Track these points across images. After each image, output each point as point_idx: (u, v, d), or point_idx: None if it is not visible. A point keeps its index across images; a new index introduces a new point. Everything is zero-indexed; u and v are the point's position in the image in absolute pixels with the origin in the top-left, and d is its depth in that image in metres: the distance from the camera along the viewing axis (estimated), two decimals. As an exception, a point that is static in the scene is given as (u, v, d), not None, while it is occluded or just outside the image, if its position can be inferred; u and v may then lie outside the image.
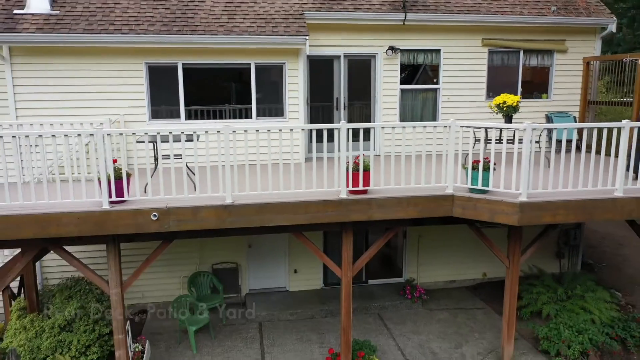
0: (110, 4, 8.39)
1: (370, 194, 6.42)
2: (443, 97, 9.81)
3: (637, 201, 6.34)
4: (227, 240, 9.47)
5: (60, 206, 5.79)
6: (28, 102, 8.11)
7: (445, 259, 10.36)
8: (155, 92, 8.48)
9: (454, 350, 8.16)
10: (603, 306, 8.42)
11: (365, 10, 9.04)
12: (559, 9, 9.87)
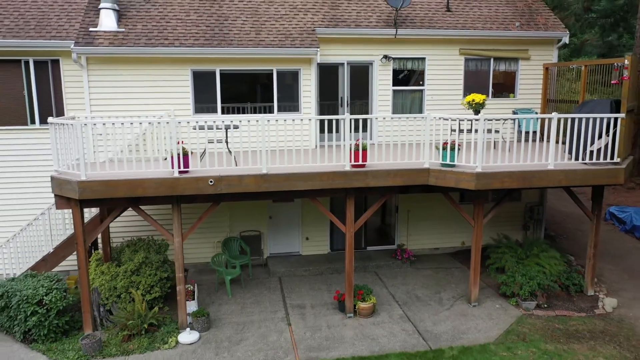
0: (163, 23, 10.62)
1: (367, 167, 8.63)
2: (427, 97, 12.02)
3: (564, 172, 8.55)
4: (252, 212, 11.68)
5: (143, 174, 8.00)
6: (99, 100, 10.32)
7: (430, 230, 12.58)
8: (198, 92, 10.69)
9: (434, 295, 10.37)
10: (553, 262, 10.59)
11: (364, 26, 11.25)
12: (522, 24, 12.09)
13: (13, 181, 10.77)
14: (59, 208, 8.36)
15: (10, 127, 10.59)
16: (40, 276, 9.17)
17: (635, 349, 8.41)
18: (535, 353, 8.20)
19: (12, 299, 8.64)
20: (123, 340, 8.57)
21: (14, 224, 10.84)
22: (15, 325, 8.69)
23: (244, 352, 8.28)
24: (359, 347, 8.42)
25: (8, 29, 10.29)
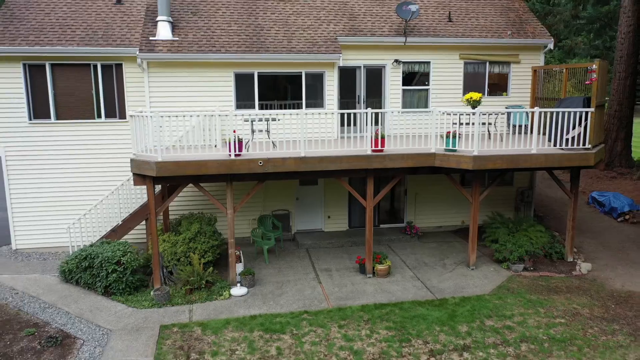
0: (209, 33, 12.57)
1: (384, 152, 10.58)
2: (432, 95, 13.97)
3: (545, 156, 10.50)
4: (282, 194, 13.63)
5: (206, 157, 9.95)
6: (158, 98, 12.28)
7: (435, 210, 14.54)
8: (239, 91, 12.65)
9: (438, 261, 12.34)
10: (539, 235, 12.55)
11: (378, 35, 13.21)
12: (513, 33, 14.04)
13: (82, 165, 12.73)
14: (136, 184, 10.33)
15: (81, 120, 12.55)
16: (113, 243, 11.12)
17: (602, 299, 10.37)
18: (521, 301, 10.16)
19: (95, 260, 10.60)
20: (186, 293, 10.52)
21: (83, 201, 12.79)
22: (97, 282, 10.64)
23: (286, 301, 10.24)
24: (378, 297, 10.38)
25: (80, 38, 12.24)
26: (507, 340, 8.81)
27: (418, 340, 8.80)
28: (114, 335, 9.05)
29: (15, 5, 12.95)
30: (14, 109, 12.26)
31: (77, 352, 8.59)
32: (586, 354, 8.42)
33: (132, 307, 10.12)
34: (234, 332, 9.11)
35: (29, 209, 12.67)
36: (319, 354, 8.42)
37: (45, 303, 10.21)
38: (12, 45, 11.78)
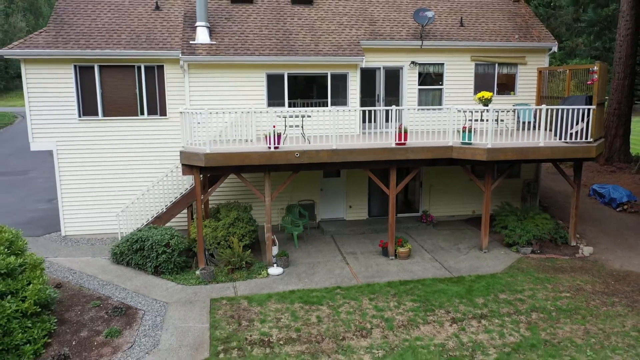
0: (243, 37, 13.72)
1: (407, 145, 11.74)
2: (446, 94, 15.12)
3: (551, 148, 11.66)
4: (307, 185, 14.78)
5: (249, 149, 11.11)
6: (196, 96, 13.42)
7: (447, 201, 15.70)
8: (270, 90, 13.79)
9: (453, 246, 13.50)
10: (545, 221, 13.70)
11: (397, 39, 14.36)
12: (520, 36, 15.20)
13: (126, 159, 13.87)
14: (184, 174, 11.48)
15: (125, 117, 13.70)
16: (160, 228, 12.27)
17: (603, 277, 11.54)
18: (530, 278, 11.33)
19: (146, 243, 11.76)
20: (228, 273, 11.68)
21: (126, 191, 13.94)
22: (148, 262, 11.79)
23: (318, 279, 11.40)
24: (402, 276, 11.55)
25: (126, 42, 13.39)
26: (519, 310, 9.98)
27: (440, 310, 9.96)
28: (170, 307, 10.21)
29: (64, 12, 14.09)
30: (65, 107, 13.40)
31: (141, 320, 9.75)
32: (589, 321, 9.59)
33: (181, 284, 11.27)
34: (277, 304, 10.27)
35: (77, 198, 13.82)
36: (355, 321, 9.58)
37: (103, 281, 11.36)
38: (65, 49, 12.93)
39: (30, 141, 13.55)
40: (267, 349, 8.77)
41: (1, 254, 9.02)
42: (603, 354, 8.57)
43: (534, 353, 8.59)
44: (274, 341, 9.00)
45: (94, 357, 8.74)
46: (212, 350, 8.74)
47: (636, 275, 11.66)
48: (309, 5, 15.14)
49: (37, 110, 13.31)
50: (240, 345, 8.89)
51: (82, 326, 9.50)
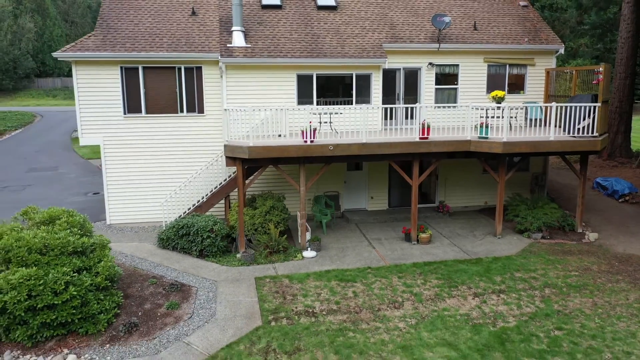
0: (275, 41, 14.87)
1: (429, 139, 12.88)
2: (460, 93, 16.28)
3: (560, 142, 12.82)
4: (332, 178, 15.92)
5: (288, 143, 12.25)
6: (233, 95, 14.57)
7: (461, 193, 16.85)
8: (300, 89, 14.94)
9: (469, 233, 14.66)
10: (553, 210, 14.86)
11: (416, 42, 15.51)
12: (529, 40, 16.35)
13: (166, 152, 15.02)
14: (228, 165, 12.64)
15: (166, 114, 14.84)
16: (202, 216, 13.41)
17: (607, 259, 12.70)
18: (542, 260, 12.49)
19: (191, 229, 12.90)
20: (266, 256, 12.82)
21: (167, 183, 15.09)
22: (193, 246, 12.93)
23: (349, 261, 12.55)
24: (425, 258, 12.70)
25: (167, 45, 14.53)
26: (534, 286, 11.14)
27: (463, 286, 11.13)
28: (219, 284, 11.37)
29: (109, 17, 15.23)
30: (112, 105, 14.55)
31: (195, 295, 10.91)
32: (596, 295, 10.75)
33: (224, 265, 12.42)
34: (315, 281, 11.43)
35: (122, 189, 14.96)
36: (387, 295, 10.74)
37: (153, 262, 12.51)
38: (113, 51, 14.07)
39: (79, 136, 14.68)
40: (312, 318, 9.92)
41: (76, 234, 10.17)
42: (609, 321, 9.73)
43: (549, 321, 9.74)
44: (317, 312, 10.15)
45: (159, 325, 9.89)
46: (264, 319, 9.89)
47: (638, 258, 12.82)
48: (334, 11, 16.30)
49: (86, 107, 14.45)
50: (288, 315, 10.04)
51: (145, 300, 10.65)
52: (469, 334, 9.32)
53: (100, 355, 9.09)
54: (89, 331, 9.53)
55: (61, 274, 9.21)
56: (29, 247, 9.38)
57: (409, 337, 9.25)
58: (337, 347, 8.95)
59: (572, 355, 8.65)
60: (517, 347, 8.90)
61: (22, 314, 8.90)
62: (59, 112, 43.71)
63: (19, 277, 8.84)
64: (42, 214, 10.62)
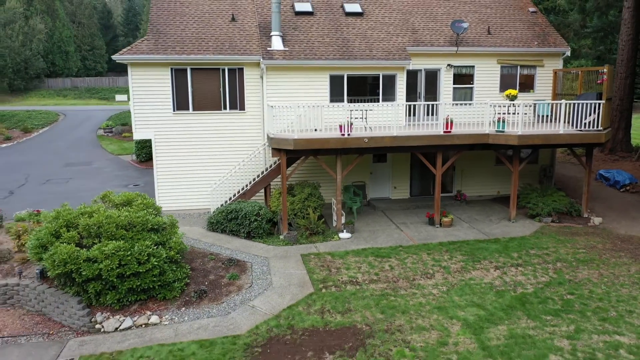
0: (309, 44, 16.41)
1: (452, 133, 14.43)
2: (476, 91, 17.83)
3: (569, 135, 14.37)
4: (360, 169, 17.47)
5: (328, 136, 13.79)
6: (272, 94, 16.10)
7: (476, 183, 18.42)
8: (332, 89, 16.48)
9: (486, 218, 16.22)
10: (561, 198, 16.41)
11: (436, 45, 17.06)
12: (539, 43, 17.91)
13: (210, 146, 16.55)
14: (274, 156, 14.19)
15: (211, 111, 16.38)
16: (247, 202, 14.94)
17: (611, 239, 14.25)
18: (553, 239, 14.05)
19: (239, 213, 14.45)
20: (307, 237, 14.37)
21: (211, 173, 16.63)
22: (241, 229, 14.46)
23: (381, 241, 14.11)
24: (448, 238, 14.26)
25: (213, 48, 16.07)
26: (547, 260, 12.70)
27: (485, 261, 12.69)
28: (270, 260, 12.92)
29: (158, 23, 16.77)
30: (162, 103, 16.09)
31: (251, 268, 12.46)
32: (602, 267, 12.32)
33: (271, 245, 13.97)
34: (354, 257, 12.98)
35: (170, 179, 16.50)
36: (419, 268, 12.31)
37: (207, 243, 14.05)
38: (164, 54, 15.61)
39: (133, 131, 16.22)
40: (356, 286, 11.48)
41: (152, 214, 11.72)
42: (614, 288, 11.29)
43: (561, 288, 11.31)
44: (360, 281, 11.72)
45: (225, 292, 11.45)
46: (315, 287, 11.45)
47: (638, 238, 14.39)
48: (360, 17, 17.85)
49: (140, 105, 15.99)
50: (336, 284, 11.60)
51: (208, 272, 12.21)
52: (493, 298, 10.88)
53: (178, 316, 10.65)
54: (166, 297, 11.08)
55: (144, 247, 10.76)
56: (116, 223, 10.93)
57: (443, 300, 10.81)
58: (382, 308, 10.51)
59: (582, 313, 10.21)
60: (535, 307, 10.46)
61: (113, 279, 10.45)
62: (79, 111, 45.18)
63: (112, 248, 10.39)
64: (120, 197, 12.18)
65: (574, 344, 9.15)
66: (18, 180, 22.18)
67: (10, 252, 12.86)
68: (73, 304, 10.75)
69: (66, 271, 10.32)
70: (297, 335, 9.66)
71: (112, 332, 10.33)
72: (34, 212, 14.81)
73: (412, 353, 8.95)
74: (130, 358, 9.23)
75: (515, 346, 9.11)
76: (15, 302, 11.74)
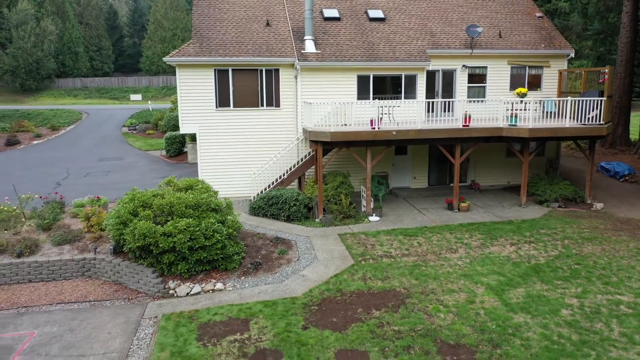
0: (338, 47, 18.12)
1: (470, 127, 16.15)
2: (488, 90, 19.54)
3: (574, 128, 16.10)
4: (383, 161, 19.18)
5: (360, 129, 15.51)
6: (306, 92, 17.81)
7: (488, 174, 20.14)
8: (359, 88, 18.19)
9: (498, 204, 17.95)
10: (566, 186, 18.14)
11: (453, 48, 18.78)
12: (545, 45, 19.64)
13: (249, 139, 18.26)
14: (311, 147, 15.90)
15: (249, 107, 18.10)
16: (286, 189, 16.64)
17: (612, 221, 15.99)
18: (560, 222, 15.78)
19: (280, 199, 16.16)
20: (341, 220, 16.08)
21: (249, 164, 18.35)
22: (282, 213, 16.16)
23: (407, 223, 15.82)
24: (467, 220, 15.98)
25: (252, 51, 17.78)
26: (555, 238, 14.43)
27: (501, 239, 14.41)
28: (312, 238, 14.63)
29: (201, 28, 18.48)
30: (206, 100, 17.80)
31: (296, 245, 14.17)
32: (604, 244, 14.05)
33: (309, 227, 15.68)
34: (385, 236, 14.70)
35: (212, 169, 18.21)
36: (444, 244, 14.03)
37: (252, 225, 15.76)
38: (209, 57, 17.31)
39: (180, 125, 17.93)
40: (391, 259, 13.20)
41: (212, 196, 13.43)
42: (615, 259, 13.02)
43: (569, 259, 13.04)
44: (394, 255, 13.44)
45: (276, 265, 13.16)
46: (355, 260, 13.17)
47: (636, 220, 16.13)
48: (383, 22, 19.57)
49: (186, 102, 17.70)
50: (372, 257, 13.32)
51: (259, 248, 13.93)
52: (511, 267, 12.61)
53: (239, 283, 12.36)
54: (227, 267, 12.80)
55: (209, 224, 12.46)
56: (185, 203, 12.64)
57: (467, 270, 12.54)
58: (416, 276, 12.24)
59: (588, 279, 11.94)
60: (548, 274, 12.19)
61: (185, 251, 12.15)
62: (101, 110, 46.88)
63: (184, 225, 12.09)
64: (183, 182, 13.89)
65: (582, 302, 10.88)
66: (60, 174, 23.88)
67: (82, 232, 14.57)
68: (148, 273, 12.46)
69: (145, 244, 12.03)
70: (346, 297, 11.37)
71: (184, 296, 12.04)
72: (94, 198, 16.52)
73: (446, 309, 10.67)
74: (207, 314, 10.94)
75: (532, 303, 10.83)
76: (92, 274, 13.46)
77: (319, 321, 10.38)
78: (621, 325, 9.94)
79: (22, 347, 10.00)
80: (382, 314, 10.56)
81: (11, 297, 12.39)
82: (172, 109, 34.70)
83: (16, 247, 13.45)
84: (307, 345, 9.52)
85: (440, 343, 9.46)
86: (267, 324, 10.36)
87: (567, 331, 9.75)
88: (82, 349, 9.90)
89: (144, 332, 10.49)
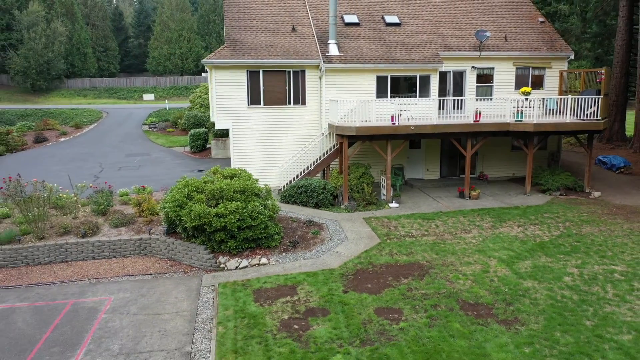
0: (359, 50, 19.86)
1: (480, 122, 17.90)
2: (495, 89, 21.30)
3: (574, 123, 17.86)
4: (399, 154, 20.93)
5: (382, 124, 17.26)
6: (330, 92, 19.55)
7: (495, 166, 21.91)
8: (378, 87, 19.95)
9: (505, 193, 19.72)
10: (567, 177, 19.89)
11: (463, 51, 20.54)
12: (547, 48, 21.40)
13: (277, 134, 20.01)
14: (337, 141, 17.64)
15: (278, 105, 19.85)
16: (312, 179, 18.38)
17: (608, 207, 17.76)
18: (561, 207, 17.55)
19: (308, 187, 17.90)
20: (364, 206, 17.82)
21: (277, 157, 20.09)
22: (310, 200, 17.91)
23: (424, 208, 17.58)
24: (478, 206, 17.74)
25: (280, 54, 19.52)
26: (557, 221, 16.19)
27: (509, 222, 16.18)
28: (340, 222, 16.38)
29: (233, 32, 20.23)
30: (239, 99, 19.54)
31: (327, 227, 15.92)
32: (601, 225, 15.82)
33: (336, 212, 17.43)
34: (405, 220, 16.46)
35: (244, 161, 19.94)
36: (459, 226, 15.79)
37: (284, 210, 17.50)
38: (242, 59, 19.06)
39: (215, 121, 19.66)
40: (413, 238, 14.96)
41: (254, 182, 15.18)
42: (610, 238, 14.79)
43: (570, 238, 14.80)
44: (415, 235, 15.20)
45: (312, 243, 14.91)
46: (381, 239, 14.92)
47: (630, 207, 17.90)
48: (398, 27, 21.33)
49: (221, 100, 19.45)
50: (396, 236, 15.08)
51: (295, 230, 15.67)
52: (519, 244, 14.38)
53: (281, 258, 14.11)
54: (269, 245, 14.54)
55: (254, 206, 14.21)
56: (233, 189, 14.38)
57: (481, 246, 14.30)
58: (436, 251, 14.00)
59: (587, 253, 13.71)
60: (551, 250, 13.96)
61: (235, 230, 13.89)
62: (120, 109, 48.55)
63: (233, 207, 13.83)
64: (227, 170, 15.63)
65: (581, 271, 12.64)
66: (95, 168, 25.59)
67: (134, 216, 16.31)
68: (200, 250, 14.21)
69: (200, 224, 13.77)
70: (377, 268, 13.13)
71: (234, 269, 13.78)
72: (140, 188, 18.25)
73: (464, 277, 12.43)
74: (257, 282, 12.68)
75: (538, 272, 12.60)
76: (147, 252, 15.21)
77: (356, 287, 12.13)
78: (615, 288, 11.71)
79: (105, 308, 11.75)
80: (409, 281, 12.32)
81: (80, 271, 14.13)
82: (191, 107, 36.42)
83: (80, 229, 15.20)
84: (349, 304, 11.28)
85: (462, 302, 11.22)
86: (312, 289, 12.11)
87: (568, 293, 11.51)
88: (157, 309, 11.65)
89: (206, 297, 12.24)
